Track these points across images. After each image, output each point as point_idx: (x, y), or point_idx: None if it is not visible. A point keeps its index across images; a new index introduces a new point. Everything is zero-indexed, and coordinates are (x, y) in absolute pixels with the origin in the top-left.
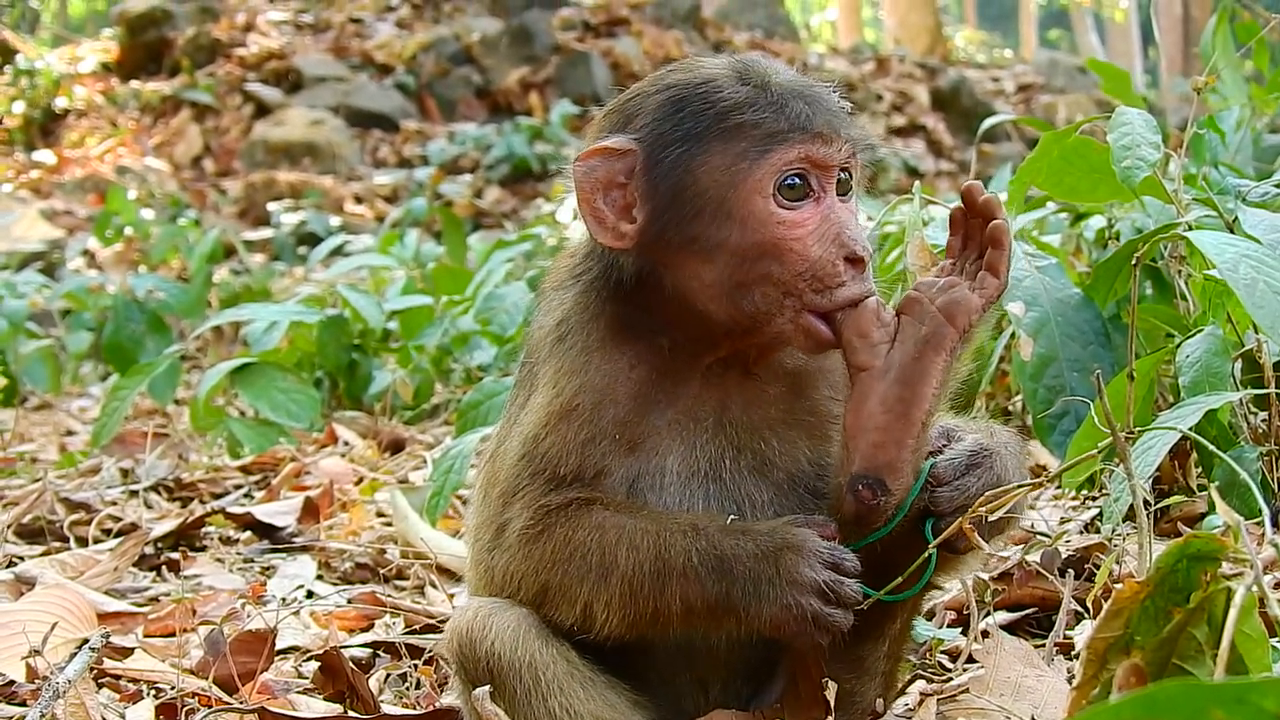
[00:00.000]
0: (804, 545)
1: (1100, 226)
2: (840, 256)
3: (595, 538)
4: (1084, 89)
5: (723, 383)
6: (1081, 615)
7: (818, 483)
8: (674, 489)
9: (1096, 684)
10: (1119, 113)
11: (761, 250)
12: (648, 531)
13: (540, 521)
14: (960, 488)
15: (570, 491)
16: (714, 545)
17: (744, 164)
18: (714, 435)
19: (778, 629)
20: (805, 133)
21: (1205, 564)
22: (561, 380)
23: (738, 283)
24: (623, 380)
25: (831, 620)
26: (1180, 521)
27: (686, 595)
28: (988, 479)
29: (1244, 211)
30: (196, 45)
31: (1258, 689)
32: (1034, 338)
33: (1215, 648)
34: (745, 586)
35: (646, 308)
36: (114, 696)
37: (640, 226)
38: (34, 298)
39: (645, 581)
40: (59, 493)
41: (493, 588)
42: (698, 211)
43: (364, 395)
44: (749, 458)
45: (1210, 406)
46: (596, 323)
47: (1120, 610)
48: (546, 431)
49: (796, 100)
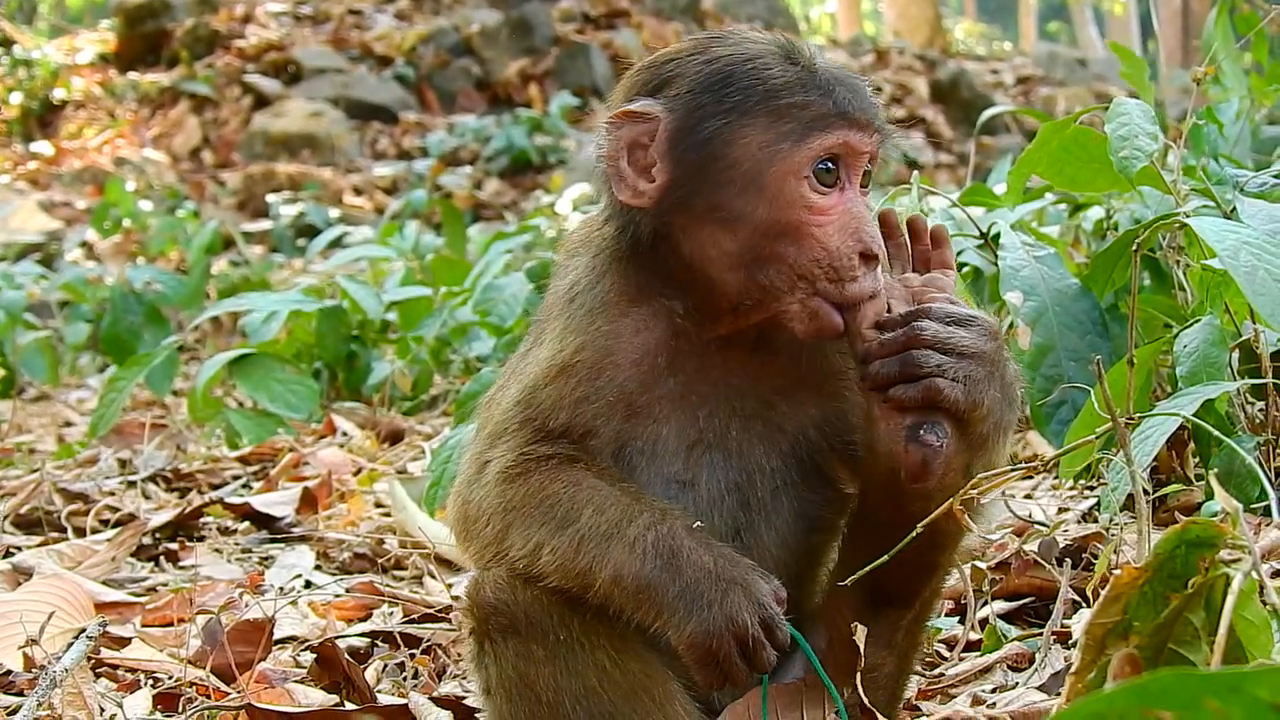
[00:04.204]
0: (754, 591)
1: (1099, 217)
2: (856, 251)
3: (569, 492)
4: (1083, 81)
5: (729, 352)
6: (1079, 604)
7: (828, 443)
8: (673, 457)
9: (1094, 669)
10: (1117, 103)
11: (782, 230)
12: (619, 501)
13: (520, 465)
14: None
15: (556, 446)
16: (674, 536)
17: (786, 144)
18: (720, 404)
19: (690, 649)
20: (847, 119)
21: (1203, 550)
22: (567, 337)
23: (754, 257)
24: (626, 343)
25: (737, 670)
26: (1177, 511)
27: (622, 566)
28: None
29: (1242, 202)
30: (195, 36)
31: (1252, 678)
32: (1032, 327)
33: (1212, 633)
34: (684, 591)
35: (659, 272)
36: (111, 686)
37: (661, 187)
38: (32, 289)
39: (595, 539)
40: (57, 483)
41: (466, 520)
42: (729, 182)
43: (363, 386)
44: (758, 425)
45: (1208, 396)
46: (605, 285)
47: (1119, 596)
48: (545, 383)
49: (841, 86)
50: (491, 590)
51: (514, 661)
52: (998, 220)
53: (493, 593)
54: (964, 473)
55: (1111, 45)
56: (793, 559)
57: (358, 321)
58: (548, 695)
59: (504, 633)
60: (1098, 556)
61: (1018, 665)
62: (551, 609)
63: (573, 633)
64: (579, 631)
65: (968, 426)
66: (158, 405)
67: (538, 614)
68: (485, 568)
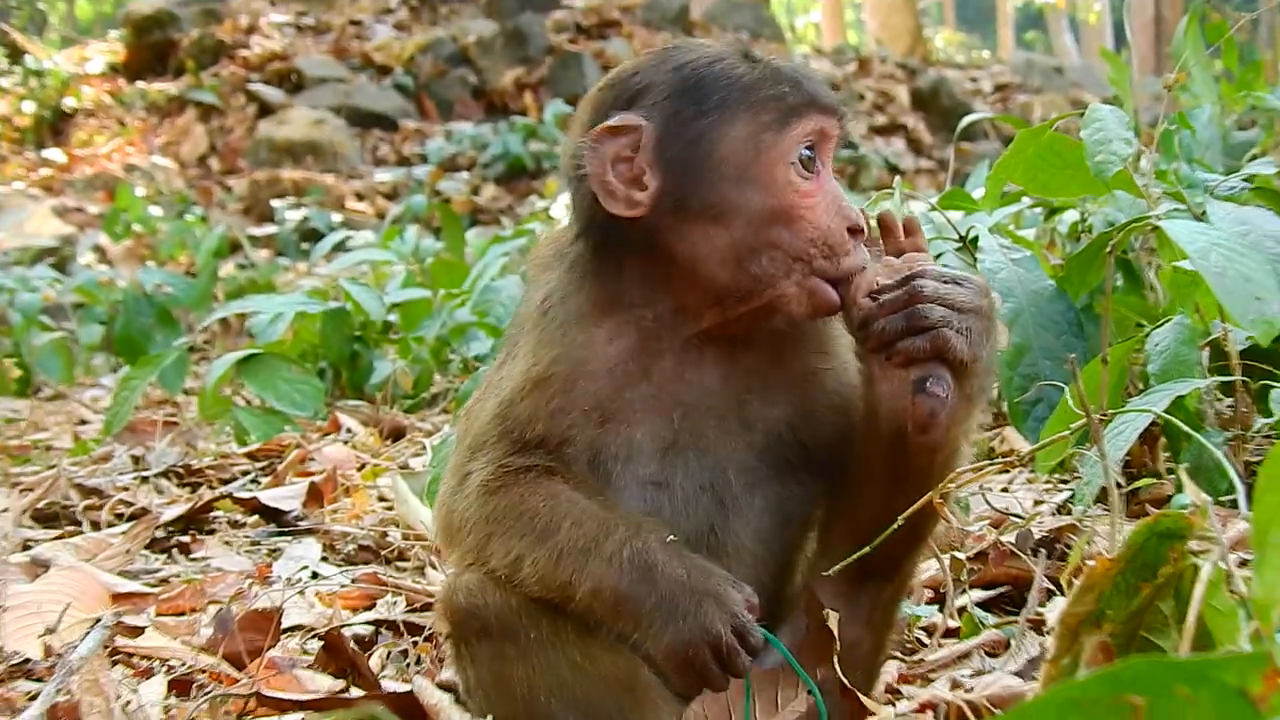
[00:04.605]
0: (726, 601)
1: (1074, 220)
2: (844, 227)
3: (547, 506)
4: (1059, 89)
5: (702, 354)
6: (1053, 593)
7: (799, 440)
8: (648, 460)
9: (1069, 656)
10: (1092, 109)
11: (776, 216)
12: (596, 515)
13: (500, 478)
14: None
15: (533, 457)
16: (649, 550)
17: (769, 134)
18: (693, 406)
19: (667, 658)
20: (820, 107)
21: (1173, 541)
22: (541, 350)
23: (749, 247)
24: (599, 352)
25: (714, 676)
26: (1149, 503)
27: (601, 580)
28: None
29: (1212, 205)
30: (201, 47)
31: (1219, 664)
32: (1009, 327)
33: (1181, 621)
34: (660, 604)
35: (634, 281)
36: (127, 673)
37: (655, 194)
38: (47, 292)
39: (574, 554)
40: (73, 479)
41: (449, 528)
42: (721, 178)
43: (365, 385)
44: (731, 425)
45: (1179, 393)
46: (578, 298)
47: (1092, 586)
48: (521, 396)
49: (806, 79)
50: (464, 596)
51: (489, 663)
52: (976, 224)
53: (464, 598)
54: (960, 431)
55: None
56: (769, 553)
57: (360, 322)
58: (523, 691)
59: (478, 635)
60: (1071, 547)
61: (994, 651)
62: (520, 611)
63: (542, 631)
64: (548, 630)
65: (963, 380)
66: (169, 404)
67: (508, 616)
68: (464, 573)
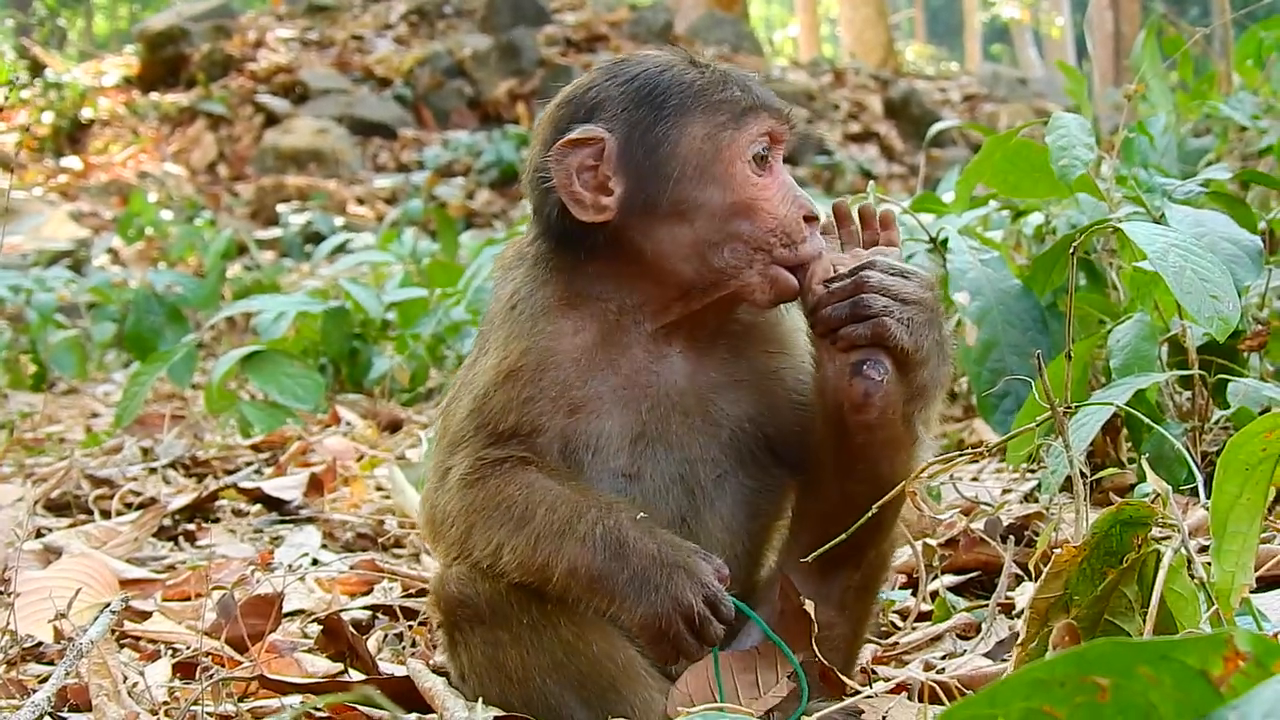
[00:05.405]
0: (696, 572)
1: (1039, 223)
2: (800, 215)
3: (523, 494)
4: (1024, 99)
5: (667, 348)
6: (1021, 578)
7: (763, 433)
8: (618, 452)
9: (1038, 639)
10: (1056, 117)
11: (737, 209)
12: (569, 499)
13: (478, 471)
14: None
15: (509, 448)
16: (620, 528)
17: (726, 134)
18: (660, 400)
19: (642, 630)
20: (769, 109)
21: (1136, 529)
22: (510, 344)
23: (713, 241)
24: (566, 344)
25: (687, 645)
26: (1112, 492)
27: (576, 560)
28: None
29: (1170, 208)
30: (211, 60)
31: (1181, 646)
32: (978, 325)
33: (1145, 605)
34: (633, 578)
35: (598, 276)
36: (134, 656)
37: (620, 199)
38: (62, 292)
39: (549, 537)
40: (84, 470)
41: (434, 523)
42: (684, 178)
43: (364, 380)
44: (697, 419)
45: (1139, 386)
46: (543, 292)
47: (1060, 572)
48: (494, 389)
49: (753, 83)
50: (455, 585)
51: (482, 648)
52: (946, 226)
53: (456, 587)
54: (905, 419)
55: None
56: (738, 542)
57: (360, 320)
58: (517, 674)
59: (470, 623)
60: (1039, 534)
61: (966, 634)
62: (511, 597)
63: (533, 616)
64: (539, 615)
65: (907, 369)
66: (177, 398)
67: (499, 603)
68: (452, 565)
